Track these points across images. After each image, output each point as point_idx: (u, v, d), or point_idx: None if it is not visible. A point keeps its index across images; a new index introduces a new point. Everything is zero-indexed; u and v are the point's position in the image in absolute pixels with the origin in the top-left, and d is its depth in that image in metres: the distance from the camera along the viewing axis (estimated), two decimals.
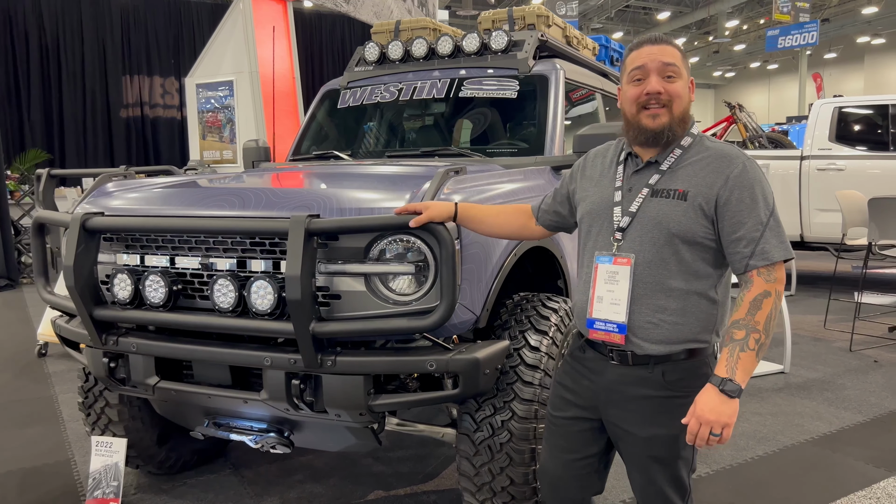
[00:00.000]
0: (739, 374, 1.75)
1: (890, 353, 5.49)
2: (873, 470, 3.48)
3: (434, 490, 3.37)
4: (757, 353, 1.77)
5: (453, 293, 2.25)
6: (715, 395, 1.75)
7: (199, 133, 8.55)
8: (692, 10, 31.27)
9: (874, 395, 4.57)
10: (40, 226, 2.95)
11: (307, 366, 2.35)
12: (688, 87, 1.93)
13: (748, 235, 1.81)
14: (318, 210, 2.36)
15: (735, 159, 1.87)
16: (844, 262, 7.31)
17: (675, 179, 1.90)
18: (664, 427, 1.92)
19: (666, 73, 1.89)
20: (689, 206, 1.85)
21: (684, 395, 1.88)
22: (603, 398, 2.01)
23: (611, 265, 1.93)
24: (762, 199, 1.83)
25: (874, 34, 32.37)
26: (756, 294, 1.79)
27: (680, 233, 1.86)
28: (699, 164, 1.89)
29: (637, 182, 1.96)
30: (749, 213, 1.82)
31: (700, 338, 1.91)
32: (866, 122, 7.90)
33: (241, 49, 8.06)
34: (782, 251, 1.82)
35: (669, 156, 1.93)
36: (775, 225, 1.83)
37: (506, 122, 3.92)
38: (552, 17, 4.23)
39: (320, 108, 4.36)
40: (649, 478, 1.98)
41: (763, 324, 1.77)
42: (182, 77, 15.02)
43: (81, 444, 4.01)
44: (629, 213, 1.93)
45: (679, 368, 1.92)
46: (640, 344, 1.91)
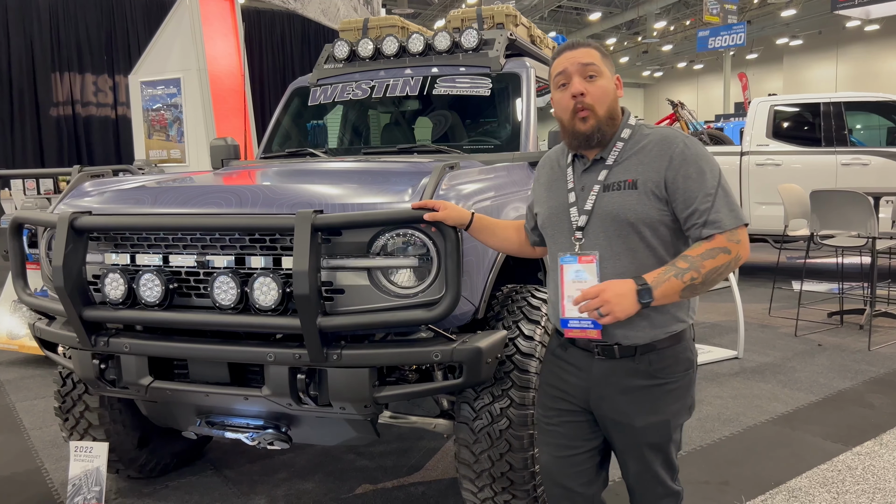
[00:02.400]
0: (658, 291, 1.80)
1: (832, 337, 5.82)
2: (831, 445, 3.70)
3: (421, 482, 3.42)
4: (685, 289, 1.81)
5: (457, 285, 2.31)
6: (630, 288, 1.80)
7: (145, 132, 8.34)
8: (622, 11, 32.08)
9: (822, 376, 4.84)
10: (18, 226, 2.87)
11: (313, 360, 2.37)
12: (613, 84, 1.99)
13: (699, 208, 1.85)
14: (320, 206, 2.38)
15: (675, 139, 1.93)
16: (777, 253, 7.69)
17: (623, 170, 1.95)
18: (657, 414, 1.98)
19: (586, 73, 1.94)
20: (641, 193, 1.91)
21: (672, 381, 1.98)
22: (594, 394, 2.03)
23: (576, 264, 1.96)
24: (708, 171, 1.88)
25: (792, 36, 33.86)
26: (715, 246, 1.83)
27: (638, 220, 1.91)
28: (643, 152, 1.94)
29: (588, 180, 2.01)
30: (697, 187, 1.86)
31: (679, 317, 1.97)
32: (800, 120, 8.32)
33: (189, 46, 7.89)
34: (733, 218, 1.85)
35: (613, 150, 1.98)
36: (723, 194, 1.87)
37: (480, 119, 3.99)
38: (519, 17, 4.32)
39: (290, 106, 4.34)
40: (645, 464, 2.03)
41: (706, 272, 1.81)
42: (115, 74, 14.60)
43: (49, 451, 3.90)
44: (585, 211, 1.97)
45: (664, 356, 1.97)
46: (625, 335, 1.95)
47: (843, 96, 8.03)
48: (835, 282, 7.65)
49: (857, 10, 19.43)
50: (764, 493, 3.19)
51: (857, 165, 7.64)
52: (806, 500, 3.14)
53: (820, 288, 7.61)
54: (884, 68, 31.08)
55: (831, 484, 3.28)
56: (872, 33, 30.96)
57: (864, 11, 19.80)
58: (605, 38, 36.01)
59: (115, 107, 14.70)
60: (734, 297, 5.40)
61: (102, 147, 14.73)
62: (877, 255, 5.74)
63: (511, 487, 2.63)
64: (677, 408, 2.01)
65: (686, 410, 2.05)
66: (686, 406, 2.04)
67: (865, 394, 4.48)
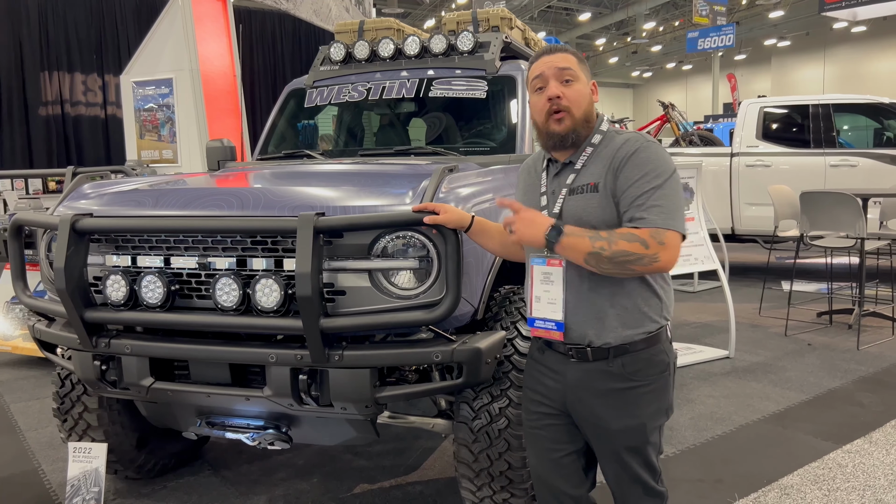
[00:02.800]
0: (566, 240, 1.85)
1: (821, 337, 5.89)
2: (822, 443, 3.76)
3: (419, 481, 3.45)
4: (591, 253, 1.83)
5: (458, 286, 2.34)
6: (544, 222, 1.88)
7: (137, 132, 8.32)
8: (611, 12, 32.22)
9: (812, 375, 4.90)
10: (18, 228, 2.88)
11: (314, 361, 2.40)
12: (588, 89, 2.03)
13: (632, 205, 1.88)
14: (321, 209, 2.40)
15: (632, 142, 1.95)
16: (766, 253, 7.76)
17: (587, 175, 1.99)
18: (633, 417, 2.00)
19: (563, 77, 1.99)
20: (601, 197, 1.94)
21: (647, 384, 2.00)
22: (570, 397, 2.06)
23: (545, 266, 2.02)
24: (653, 174, 1.88)
25: (780, 37, 34.11)
26: (636, 233, 1.83)
27: (600, 222, 1.93)
28: (604, 156, 1.98)
29: (557, 184, 2.06)
30: (635, 186, 1.88)
31: (652, 316, 1.99)
32: (789, 121, 8.40)
33: (181, 46, 7.88)
34: (662, 219, 1.84)
35: (582, 154, 2.02)
36: (661, 197, 1.86)
37: (476, 121, 4.02)
38: (514, 20, 4.36)
39: (285, 108, 4.35)
40: (624, 466, 2.05)
41: (616, 249, 1.81)
42: (105, 74, 14.52)
43: (46, 452, 3.91)
44: (554, 214, 2.01)
45: (638, 358, 1.99)
46: (597, 334, 1.97)
47: (831, 98, 8.13)
48: (823, 282, 7.73)
49: (845, 12, 19.61)
50: (757, 491, 3.24)
51: (846, 167, 7.72)
52: (798, 497, 3.19)
53: (809, 288, 7.69)
54: (870, 70, 31.35)
55: (822, 482, 3.33)
56: (859, 35, 31.22)
57: (852, 13, 19.99)
58: (595, 38, 36.18)
59: (105, 106, 14.62)
60: (725, 298, 5.46)
61: (92, 147, 14.66)
62: (865, 256, 5.81)
63: (509, 486, 2.66)
64: (653, 410, 2.02)
65: (662, 413, 2.06)
66: (662, 408, 2.05)
67: (855, 392, 4.55)
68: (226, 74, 8.27)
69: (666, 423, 2.12)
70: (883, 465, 3.49)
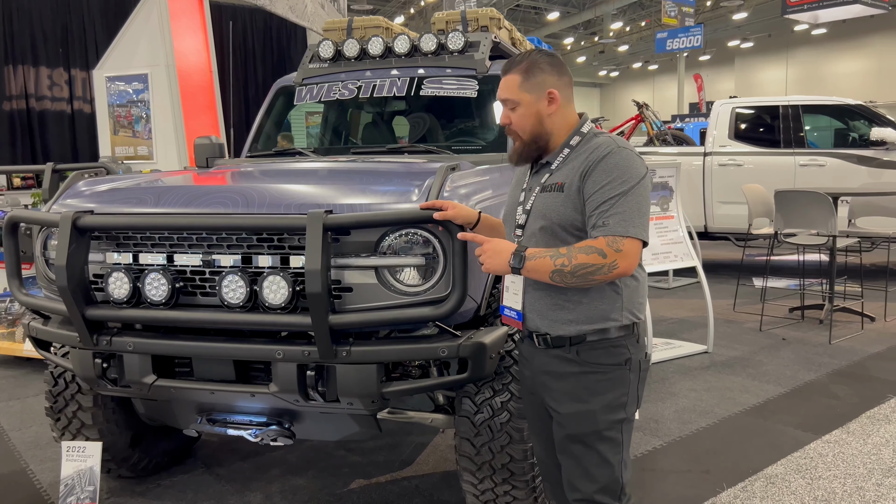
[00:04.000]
0: (530, 263, 1.94)
1: (794, 332, 6.06)
2: (802, 434, 3.89)
3: (413, 475, 3.49)
4: (554, 272, 1.91)
5: (464, 282, 2.38)
6: (507, 250, 1.98)
7: (110, 128, 8.19)
8: (579, 12, 32.47)
9: (788, 368, 5.05)
10: (14, 225, 2.85)
11: (322, 357, 2.42)
12: (535, 108, 2.07)
13: (596, 211, 1.93)
14: (329, 207, 2.43)
15: (603, 146, 2.00)
16: (738, 250, 7.94)
17: (559, 175, 2.06)
18: (583, 402, 2.03)
19: (507, 105, 2.11)
20: (566, 197, 2.01)
21: (601, 372, 2.02)
22: (537, 382, 2.15)
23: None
24: (619, 181, 1.92)
25: (743, 38, 34.73)
26: (593, 245, 1.89)
27: (560, 221, 2.01)
28: (578, 159, 2.04)
29: (534, 182, 2.15)
30: (601, 194, 1.93)
31: (610, 316, 2.02)
32: (760, 122, 8.61)
33: (157, 42, 7.77)
34: (622, 226, 1.88)
35: (559, 156, 2.09)
36: (623, 203, 1.90)
37: (466, 120, 4.07)
38: (502, 20, 4.41)
39: (274, 105, 4.35)
40: (575, 460, 2.05)
41: (576, 264, 1.89)
42: (72, 68, 14.22)
43: (32, 452, 3.86)
44: (525, 210, 2.12)
45: (594, 347, 2.03)
46: (550, 326, 2.06)
47: (800, 99, 8.34)
48: (794, 278, 7.94)
49: (806, 15, 20.07)
50: (744, 480, 3.34)
51: (814, 166, 7.94)
52: (783, 486, 3.30)
53: (779, 284, 7.89)
54: (830, 71, 32.09)
55: (805, 470, 3.45)
56: (819, 37, 31.92)
57: (813, 16, 20.48)
58: (563, 37, 36.43)
59: (72, 101, 14.31)
60: (701, 294, 5.58)
61: (58, 142, 14.34)
62: (836, 253, 5.99)
63: (511, 478, 2.71)
64: (606, 401, 2.02)
65: (619, 408, 2.03)
66: (619, 403, 2.03)
67: (830, 385, 4.70)
68: (202, 71, 8.19)
69: (636, 421, 2.12)
70: (861, 454, 3.62)
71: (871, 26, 28.14)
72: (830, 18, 21.67)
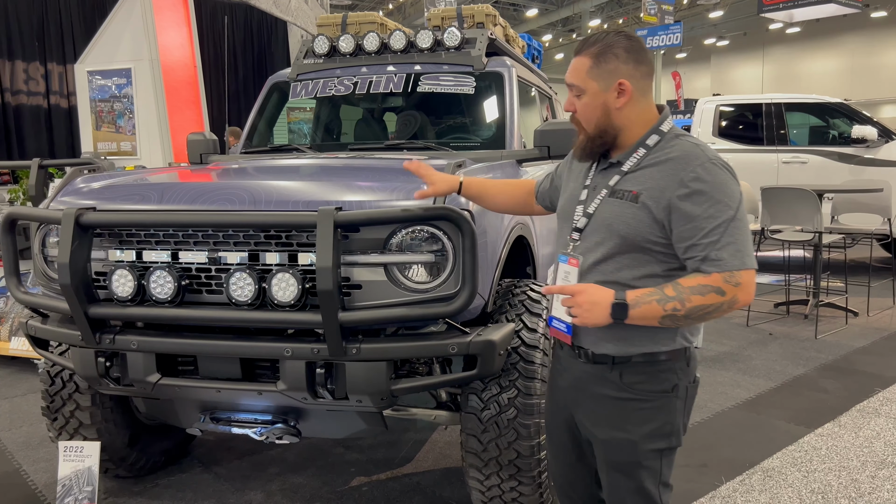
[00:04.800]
0: (635, 312, 1.71)
1: (780, 327, 6.14)
2: (795, 427, 3.95)
3: (414, 472, 3.49)
4: (664, 317, 1.70)
5: (474, 279, 2.38)
6: (606, 300, 1.72)
7: (92, 123, 8.07)
8: (557, 9, 32.61)
9: (777, 363, 5.13)
10: (12, 222, 2.80)
11: (332, 354, 2.41)
12: (602, 99, 1.83)
13: (702, 242, 1.70)
14: (337, 204, 2.41)
15: (694, 160, 1.75)
16: None
17: (633, 181, 1.83)
18: (623, 431, 1.87)
19: (572, 91, 1.88)
20: (639, 209, 1.78)
21: (644, 399, 1.84)
22: (570, 396, 2.00)
23: (566, 265, 1.91)
24: (722, 203, 1.71)
25: (719, 37, 35.13)
26: (709, 283, 1.69)
27: (629, 236, 1.80)
28: (658, 167, 1.80)
29: (601, 181, 1.91)
30: (705, 220, 1.70)
31: (661, 340, 1.83)
32: (744, 120, 8.71)
33: (140, 36, 7.66)
34: (737, 260, 1.69)
35: (633, 156, 1.85)
36: (734, 231, 1.70)
37: (464, 117, 4.06)
38: (497, 17, 4.41)
39: (269, 101, 4.32)
40: (612, 486, 1.94)
41: (691, 307, 1.68)
42: (48, 62, 13.98)
43: (24, 452, 3.80)
44: (587, 213, 1.89)
45: (639, 371, 1.85)
46: (595, 343, 1.88)
47: (783, 98, 8.45)
48: (777, 274, 8.05)
49: (782, 14, 20.35)
50: (741, 474, 3.39)
51: (797, 163, 8.05)
52: (780, 479, 3.35)
53: (764, 280, 7.99)
54: (803, 69, 32.59)
55: (801, 464, 3.50)
56: (793, 36, 32.41)
57: (788, 15, 20.75)
58: (541, 34, 36.53)
59: (48, 96, 14.08)
60: None
61: (34, 138, 14.09)
62: (821, 249, 6.09)
63: (518, 474, 2.72)
64: (648, 430, 1.85)
65: (662, 437, 1.86)
66: (663, 432, 1.86)
67: (818, 379, 4.77)
68: (186, 65, 8.09)
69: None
70: (853, 447, 3.69)
71: (843, 25, 28.61)
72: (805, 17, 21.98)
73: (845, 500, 3.15)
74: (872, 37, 29.88)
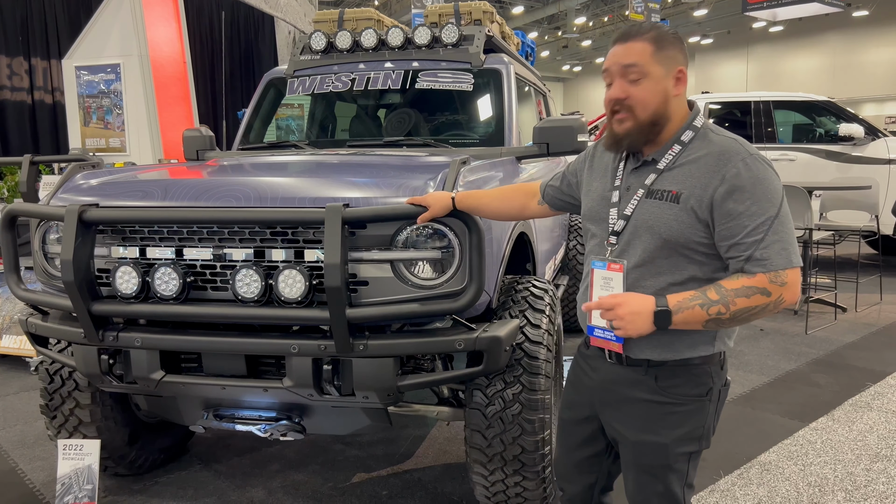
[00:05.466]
0: (678, 317, 1.68)
1: (771, 322, 6.20)
2: (789, 422, 3.99)
3: (414, 468, 3.49)
4: (709, 321, 1.67)
5: (482, 276, 2.39)
6: (648, 308, 1.68)
7: (80, 119, 7.99)
8: (543, 6, 32.67)
9: (769, 358, 5.18)
10: (12, 218, 2.77)
11: (339, 351, 2.41)
12: (663, 85, 1.77)
13: (746, 240, 1.67)
14: (344, 200, 2.41)
15: (734, 156, 1.71)
16: None
17: (671, 179, 1.78)
18: (654, 434, 1.85)
19: (628, 75, 1.76)
20: (681, 210, 1.74)
21: (678, 403, 1.83)
22: (598, 397, 1.98)
23: (605, 271, 1.86)
24: (766, 200, 1.67)
25: (703, 35, 35.29)
26: (754, 285, 1.66)
27: (672, 238, 1.76)
28: (697, 163, 1.75)
29: (635, 181, 1.86)
30: (748, 217, 1.67)
31: (699, 345, 1.81)
32: (733, 117, 8.77)
33: (129, 31, 7.58)
34: (784, 258, 1.66)
35: (668, 153, 1.80)
36: (779, 228, 1.67)
37: (462, 114, 4.07)
38: (494, 14, 4.42)
39: (265, 97, 4.30)
40: (638, 487, 1.93)
41: (735, 310, 1.66)
42: (32, 57, 13.80)
43: (20, 451, 3.77)
44: (624, 216, 1.84)
45: (675, 373, 1.83)
46: (633, 348, 1.85)
47: (771, 95, 8.51)
48: None
49: (766, 12, 20.47)
50: (739, 468, 3.42)
51: (785, 161, 8.12)
52: (777, 472, 3.39)
53: None
54: (787, 68, 32.82)
55: (797, 457, 3.55)
56: (776, 34, 32.60)
57: (772, 13, 20.88)
58: (527, 31, 36.53)
59: (32, 92, 13.91)
60: None
61: (17, 134, 13.92)
62: (811, 245, 6.15)
63: (522, 469, 2.74)
64: (680, 434, 1.84)
65: (693, 440, 1.85)
66: (694, 436, 1.85)
67: (810, 374, 4.83)
68: (176, 61, 8.02)
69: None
70: (848, 440, 3.74)
71: (825, 24, 28.83)
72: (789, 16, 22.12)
73: (842, 493, 3.19)
74: (854, 36, 30.14)
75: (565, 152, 3.51)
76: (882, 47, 29.39)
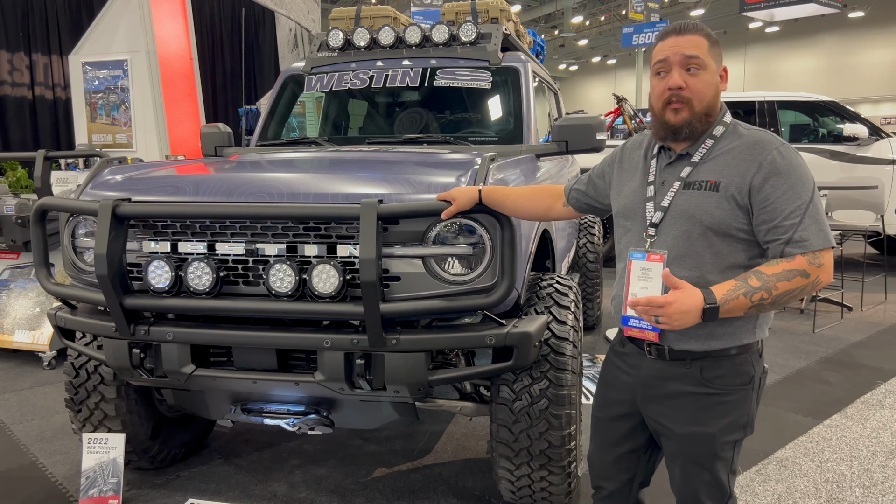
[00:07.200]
0: (724, 308, 1.73)
1: (778, 321, 6.25)
2: (803, 419, 4.03)
3: (434, 464, 3.52)
4: (751, 307, 1.73)
5: (513, 271, 2.42)
6: (696, 306, 1.72)
7: (87, 115, 7.98)
8: (540, 5, 32.73)
9: (779, 356, 5.22)
10: (42, 213, 2.79)
11: (372, 345, 2.43)
12: (716, 78, 1.86)
13: (784, 223, 1.74)
14: (377, 196, 2.43)
15: (768, 145, 1.80)
16: None
17: (707, 170, 1.85)
18: (702, 425, 1.89)
19: (688, 65, 1.83)
20: (721, 197, 1.80)
21: (724, 393, 1.87)
22: (640, 393, 1.99)
23: (644, 262, 1.87)
24: (800, 184, 1.75)
25: None
26: (794, 267, 1.72)
27: (713, 225, 1.81)
28: (732, 154, 1.83)
29: (669, 175, 1.92)
30: (785, 201, 1.74)
31: (741, 334, 1.86)
32: (737, 117, 8.76)
33: (137, 27, 7.58)
34: (821, 239, 1.73)
35: (701, 147, 1.87)
36: (814, 211, 1.74)
37: (480, 111, 4.09)
38: (510, 12, 4.44)
39: (283, 94, 4.31)
40: (686, 477, 1.97)
41: (777, 294, 1.72)
42: (33, 53, 13.77)
43: (39, 445, 3.78)
44: (661, 207, 1.89)
45: (719, 364, 1.87)
46: (676, 340, 1.88)
47: (775, 95, 8.55)
48: None
49: (763, 13, 20.54)
50: (757, 464, 3.46)
51: None
52: (794, 469, 3.42)
53: None
54: (782, 68, 32.98)
55: (813, 454, 3.58)
56: (772, 35, 32.75)
57: (769, 14, 20.95)
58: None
59: (33, 87, 13.88)
60: None
61: (18, 130, 13.89)
62: None
63: (548, 464, 2.76)
64: (726, 423, 1.89)
65: (738, 428, 1.91)
66: (739, 424, 1.91)
67: (821, 372, 4.87)
68: (183, 58, 8.02)
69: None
70: (862, 437, 3.78)
71: (821, 25, 28.97)
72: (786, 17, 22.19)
73: (860, 490, 3.23)
74: (850, 36, 30.29)
75: (584, 150, 3.54)
76: (878, 48, 29.57)
